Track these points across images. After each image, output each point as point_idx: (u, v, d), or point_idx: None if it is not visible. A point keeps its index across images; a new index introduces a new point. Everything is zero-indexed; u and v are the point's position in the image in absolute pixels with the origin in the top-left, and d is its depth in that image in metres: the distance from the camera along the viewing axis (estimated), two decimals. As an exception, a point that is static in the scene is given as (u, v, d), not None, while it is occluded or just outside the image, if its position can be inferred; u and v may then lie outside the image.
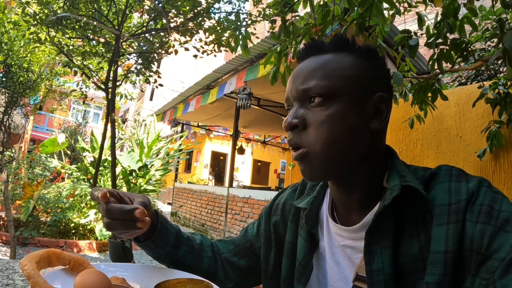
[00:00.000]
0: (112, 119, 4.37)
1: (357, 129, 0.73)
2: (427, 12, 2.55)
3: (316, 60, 0.77)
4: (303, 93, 0.75)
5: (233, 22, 4.48)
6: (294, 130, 0.75)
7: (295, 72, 0.79)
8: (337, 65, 0.75)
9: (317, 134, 0.72)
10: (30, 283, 0.59)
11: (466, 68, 2.53)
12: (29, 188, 6.99)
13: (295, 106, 0.77)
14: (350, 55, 0.76)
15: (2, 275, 0.89)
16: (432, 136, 3.16)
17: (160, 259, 0.93)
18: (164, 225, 0.92)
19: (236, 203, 8.00)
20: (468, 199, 0.64)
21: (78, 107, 25.18)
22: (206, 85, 9.02)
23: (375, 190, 0.76)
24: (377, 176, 0.77)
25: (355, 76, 0.74)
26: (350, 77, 0.74)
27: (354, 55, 0.76)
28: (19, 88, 6.53)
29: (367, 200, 0.77)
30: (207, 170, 18.96)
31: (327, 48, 0.78)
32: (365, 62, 0.76)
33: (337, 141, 0.71)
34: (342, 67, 0.74)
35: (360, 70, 0.75)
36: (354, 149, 0.73)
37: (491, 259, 0.58)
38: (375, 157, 0.77)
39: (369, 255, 0.70)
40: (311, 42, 0.81)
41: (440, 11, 1.77)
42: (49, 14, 4.31)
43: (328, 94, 0.72)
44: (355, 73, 0.74)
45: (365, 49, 0.78)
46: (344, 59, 0.75)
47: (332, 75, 0.73)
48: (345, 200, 0.80)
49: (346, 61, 0.75)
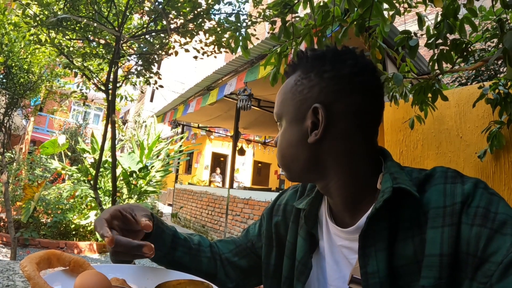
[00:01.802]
0: (112, 121, 4.37)
1: (297, 144, 0.80)
2: (427, 12, 2.56)
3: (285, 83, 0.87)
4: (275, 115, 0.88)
5: (233, 23, 4.48)
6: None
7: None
8: (284, 90, 0.84)
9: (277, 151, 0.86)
10: (31, 284, 0.59)
11: (466, 69, 2.52)
12: (29, 189, 7.00)
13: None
14: (297, 73, 0.83)
15: (2, 276, 0.89)
16: (433, 137, 3.15)
17: (158, 261, 0.93)
18: (160, 227, 0.92)
19: (237, 204, 8.00)
20: (463, 201, 0.64)
21: (78, 108, 25.20)
22: (206, 86, 9.04)
23: (365, 193, 0.76)
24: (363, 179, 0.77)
25: (291, 96, 0.81)
26: (287, 98, 0.82)
27: (300, 71, 0.82)
28: (19, 89, 6.53)
29: (356, 203, 0.77)
30: (207, 171, 18.95)
31: (290, 70, 0.86)
32: (305, 75, 0.80)
33: (283, 156, 0.84)
34: (286, 91, 0.84)
35: (296, 88, 0.81)
36: (298, 161, 0.81)
37: (488, 263, 0.57)
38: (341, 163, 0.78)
39: (364, 258, 0.70)
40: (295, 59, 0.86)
41: (440, 11, 1.77)
42: (49, 16, 4.31)
43: (278, 118, 0.86)
44: (291, 93, 0.82)
45: (309, 59, 0.82)
46: (290, 81, 0.84)
47: (280, 101, 0.85)
48: (332, 203, 0.83)
49: (290, 82, 0.83)
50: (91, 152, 7.83)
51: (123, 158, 7.54)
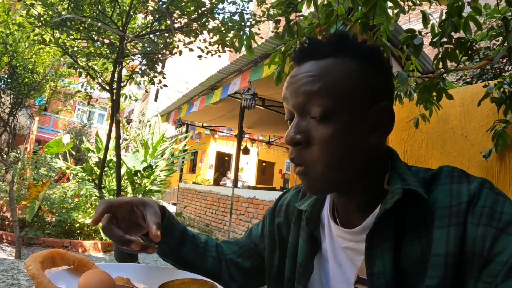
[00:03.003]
0: (117, 120, 4.38)
1: (359, 144, 0.71)
2: (432, 11, 2.54)
3: (315, 66, 0.72)
4: (303, 105, 0.72)
5: (237, 22, 4.48)
6: (297, 147, 0.73)
7: (294, 78, 0.74)
8: (337, 76, 0.70)
9: (318, 154, 0.70)
10: (35, 283, 0.59)
11: (471, 67, 2.52)
12: (34, 188, 7.03)
13: (296, 118, 0.73)
14: (351, 59, 0.72)
15: (7, 275, 0.90)
16: (437, 136, 3.14)
17: (164, 255, 0.93)
18: (171, 221, 0.92)
19: (241, 203, 8.00)
20: (469, 201, 0.63)
21: (83, 108, 25.31)
22: (210, 85, 9.04)
23: (375, 193, 0.76)
24: (377, 180, 0.76)
25: (357, 87, 0.70)
26: (351, 89, 0.70)
27: (355, 58, 0.72)
28: (24, 89, 6.55)
29: (367, 203, 0.76)
30: (212, 170, 18.98)
31: (325, 50, 0.73)
32: (366, 66, 0.72)
33: (337, 160, 0.70)
34: (343, 78, 0.70)
35: (362, 79, 0.71)
36: (354, 165, 0.72)
37: (493, 262, 0.57)
38: (375, 163, 0.75)
39: (370, 258, 0.69)
40: (308, 44, 0.75)
41: (444, 9, 1.77)
42: (53, 16, 4.33)
43: (329, 110, 0.69)
44: (356, 83, 0.70)
45: (366, 50, 0.74)
46: (344, 67, 0.71)
47: (333, 89, 0.69)
48: (345, 204, 0.80)
49: (346, 69, 0.71)
50: (96, 151, 7.84)
51: (128, 157, 7.55)
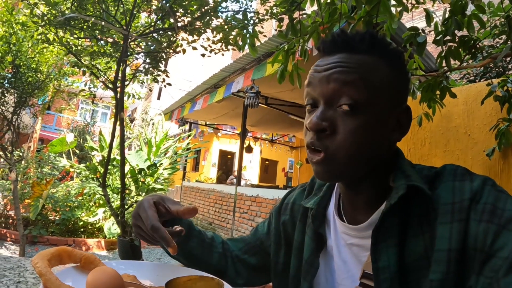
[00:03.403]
0: (120, 118, 4.39)
1: (380, 140, 0.74)
2: (435, 9, 2.54)
3: (349, 60, 0.73)
4: (334, 95, 0.72)
5: (241, 20, 4.48)
6: (320, 134, 0.72)
7: (325, 65, 0.74)
8: (372, 73, 0.72)
9: (343, 143, 0.70)
10: (42, 280, 0.60)
11: (475, 66, 2.51)
12: (38, 187, 7.06)
13: (322, 106, 0.73)
14: (382, 60, 0.73)
15: (13, 273, 0.90)
16: (440, 135, 3.14)
17: None
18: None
19: (244, 201, 8.00)
20: (471, 198, 0.65)
21: (86, 106, 25.32)
22: (213, 84, 9.04)
23: (381, 190, 0.77)
24: (384, 177, 0.77)
25: (386, 87, 0.72)
26: (382, 88, 0.72)
27: (385, 60, 0.74)
28: (27, 88, 6.56)
29: (373, 199, 0.77)
30: (215, 168, 18.97)
31: (359, 46, 0.74)
32: (394, 69, 0.75)
33: (360, 152, 0.71)
34: (377, 76, 0.72)
35: (391, 80, 0.73)
36: (373, 158, 0.74)
37: (495, 258, 0.58)
38: (384, 161, 0.77)
39: (376, 253, 0.70)
40: (342, 35, 0.75)
41: (448, 7, 1.76)
42: (57, 15, 4.33)
43: (360, 104, 0.70)
44: (386, 83, 0.73)
45: (395, 53, 0.76)
46: (378, 65, 0.73)
47: (367, 84, 0.70)
48: (353, 199, 0.81)
49: (380, 68, 0.73)
50: (99, 150, 7.87)
51: (131, 156, 7.57)
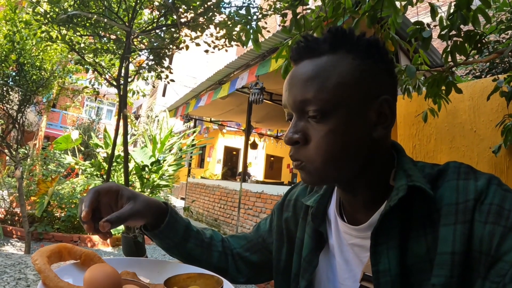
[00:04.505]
0: (124, 115, 4.39)
1: (359, 141, 0.70)
2: (440, 3, 2.52)
3: (311, 66, 0.71)
4: (301, 105, 0.71)
5: (244, 16, 4.45)
6: (295, 146, 0.73)
7: (291, 78, 0.74)
8: (334, 73, 0.69)
9: (316, 151, 0.69)
10: (41, 277, 0.60)
11: (481, 61, 2.49)
12: (43, 184, 7.10)
13: (295, 118, 0.73)
14: (348, 55, 0.70)
15: (14, 270, 0.90)
16: (446, 131, 3.12)
17: (169, 250, 0.94)
18: (174, 216, 0.92)
19: (249, 198, 8.01)
20: (476, 198, 0.62)
21: (91, 104, 25.41)
22: (218, 80, 9.05)
23: (380, 189, 0.74)
24: (382, 176, 0.75)
25: (354, 83, 0.69)
26: (349, 85, 0.69)
27: (352, 54, 0.70)
28: (32, 86, 6.58)
29: (373, 200, 0.75)
30: (220, 165, 19.02)
31: (321, 48, 0.71)
32: (364, 61, 0.70)
33: (336, 156, 0.69)
34: (339, 74, 0.69)
35: (360, 74, 0.69)
36: (355, 161, 0.71)
37: (501, 261, 0.56)
38: (379, 159, 0.74)
39: (375, 256, 0.69)
40: (303, 42, 0.74)
41: (453, 2, 1.74)
42: (59, 13, 4.34)
43: (326, 109, 0.68)
44: (354, 79, 0.69)
45: (363, 44, 0.71)
46: (341, 63, 0.70)
47: (330, 87, 0.68)
48: (350, 200, 0.79)
49: (344, 65, 0.69)
50: (104, 147, 7.89)
51: (136, 153, 7.59)
